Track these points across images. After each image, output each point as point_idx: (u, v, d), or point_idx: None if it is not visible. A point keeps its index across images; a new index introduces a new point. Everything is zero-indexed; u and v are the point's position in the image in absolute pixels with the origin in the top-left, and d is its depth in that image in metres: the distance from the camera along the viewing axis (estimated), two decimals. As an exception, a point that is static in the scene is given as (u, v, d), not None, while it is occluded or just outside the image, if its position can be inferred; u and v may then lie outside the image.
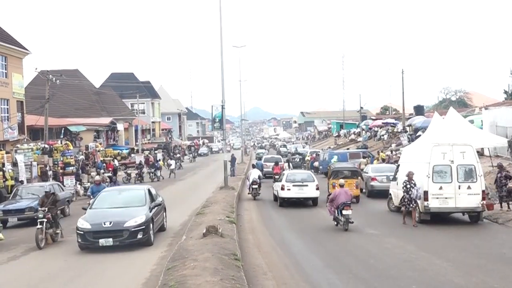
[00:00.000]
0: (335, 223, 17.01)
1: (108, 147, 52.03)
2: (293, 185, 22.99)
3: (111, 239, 14.25)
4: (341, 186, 17.71)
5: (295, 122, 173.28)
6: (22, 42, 37.60)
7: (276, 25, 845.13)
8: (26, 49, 37.43)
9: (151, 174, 41.65)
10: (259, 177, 27.32)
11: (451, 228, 17.06)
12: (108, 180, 31.88)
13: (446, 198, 17.34)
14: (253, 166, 31.62)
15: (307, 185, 22.98)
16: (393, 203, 20.96)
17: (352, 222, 16.58)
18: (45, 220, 15.65)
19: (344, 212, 16.31)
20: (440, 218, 17.92)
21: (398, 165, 21.30)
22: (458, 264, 11.83)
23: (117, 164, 42.83)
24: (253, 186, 26.89)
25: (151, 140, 75.32)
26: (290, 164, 41.34)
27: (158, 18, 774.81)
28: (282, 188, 23.12)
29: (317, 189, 22.89)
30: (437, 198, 17.38)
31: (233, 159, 42.57)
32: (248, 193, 27.58)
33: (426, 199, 17.36)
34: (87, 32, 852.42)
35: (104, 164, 41.41)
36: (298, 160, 45.21)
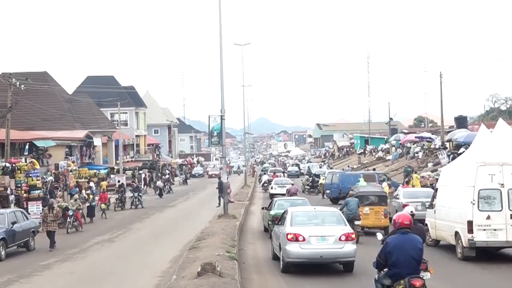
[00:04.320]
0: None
1: (82, 166, 52.11)
2: (278, 186, 44.31)
3: None
4: (292, 184, 39.67)
5: (309, 136, 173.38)
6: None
7: (286, 21, 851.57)
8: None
9: (134, 200, 41.63)
10: (267, 180, 51.80)
11: (501, 266, 16.94)
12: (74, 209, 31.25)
13: (495, 230, 17.25)
14: (264, 173, 62.86)
15: (285, 186, 40.57)
16: (430, 235, 20.86)
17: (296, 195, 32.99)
18: None
19: (293, 196, 31.49)
20: (488, 254, 17.81)
21: (436, 189, 21.25)
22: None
23: (92, 187, 42.85)
24: (265, 185, 51.66)
25: (134, 158, 75.36)
26: (285, 174, 62.66)
27: (143, 10, 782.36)
28: (271, 188, 45.61)
29: (297, 189, 37.43)
30: (484, 229, 17.29)
31: (220, 185, 40.04)
32: (262, 189, 52.80)
33: (470, 231, 17.27)
34: (57, 27, 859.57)
35: (87, 188, 41.26)
36: (310, 182, 50.13)
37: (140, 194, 42.86)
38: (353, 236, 16.01)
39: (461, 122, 58.60)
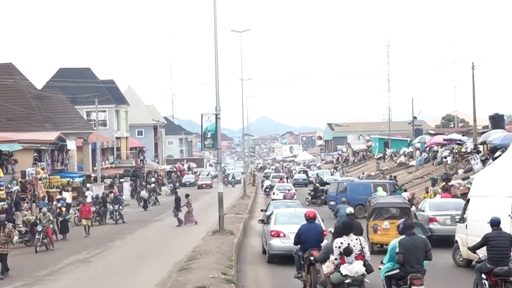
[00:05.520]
0: None
1: (54, 173, 52.08)
2: (279, 192, 50.14)
3: None
4: (289, 190, 49.20)
5: (319, 138, 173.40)
6: None
7: (291, 4, 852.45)
8: None
9: (114, 213, 41.49)
10: (269, 185, 62.16)
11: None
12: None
13: (537, 247, 17.20)
14: (266, 178, 74.14)
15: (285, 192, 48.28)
16: (460, 254, 20.82)
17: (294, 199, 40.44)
18: None
19: (289, 201, 36.26)
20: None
21: (468, 200, 21.22)
22: None
23: (66, 199, 42.80)
24: (267, 190, 62.21)
25: (115, 164, 75.28)
26: (288, 180, 73.35)
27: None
28: (273, 193, 51.83)
29: (294, 193, 46.87)
30: (525, 247, 17.25)
31: (177, 200, 39.48)
32: (264, 194, 63.20)
33: (508, 249, 17.22)
34: (24, 13, 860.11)
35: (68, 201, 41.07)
36: (312, 191, 51.90)
37: (121, 206, 42.71)
38: (325, 233, 19.11)
39: (497, 121, 58.49)
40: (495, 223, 15.12)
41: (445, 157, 55.98)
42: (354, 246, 13.37)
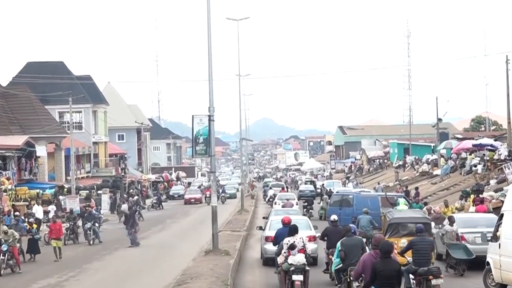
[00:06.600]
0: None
1: (21, 184, 52.07)
2: (281, 201, 53.30)
3: None
4: (287, 199, 52.90)
5: (329, 143, 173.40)
6: None
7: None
8: None
9: (88, 231, 40.46)
10: (273, 194, 66.46)
11: None
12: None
13: None
14: (270, 188, 78.00)
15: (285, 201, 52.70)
16: (492, 278, 20.77)
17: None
18: None
19: (290, 209, 40.85)
20: None
21: (501, 215, 21.20)
22: None
23: (35, 213, 42.70)
24: (270, 200, 66.10)
25: (92, 173, 75.18)
26: (289, 189, 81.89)
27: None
28: (275, 203, 55.66)
29: (297, 204, 52.63)
30: None
31: (131, 215, 39.19)
32: (268, 204, 67.86)
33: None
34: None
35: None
36: (305, 204, 54.53)
37: (96, 223, 41.44)
38: (315, 237, 25.26)
39: (534, 124, 58.53)
40: (419, 230, 20.10)
41: (475, 166, 55.85)
42: (298, 243, 19.59)
